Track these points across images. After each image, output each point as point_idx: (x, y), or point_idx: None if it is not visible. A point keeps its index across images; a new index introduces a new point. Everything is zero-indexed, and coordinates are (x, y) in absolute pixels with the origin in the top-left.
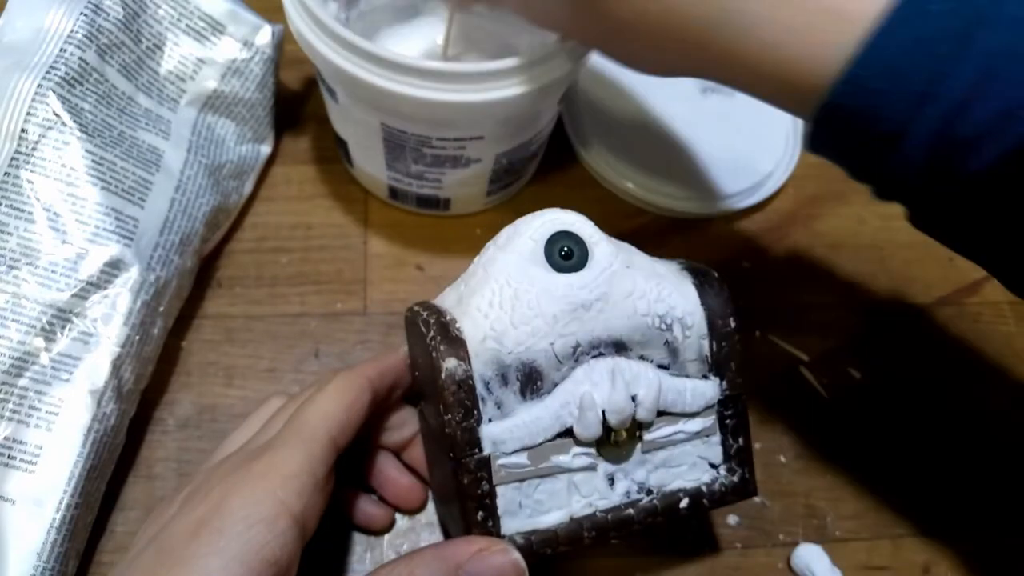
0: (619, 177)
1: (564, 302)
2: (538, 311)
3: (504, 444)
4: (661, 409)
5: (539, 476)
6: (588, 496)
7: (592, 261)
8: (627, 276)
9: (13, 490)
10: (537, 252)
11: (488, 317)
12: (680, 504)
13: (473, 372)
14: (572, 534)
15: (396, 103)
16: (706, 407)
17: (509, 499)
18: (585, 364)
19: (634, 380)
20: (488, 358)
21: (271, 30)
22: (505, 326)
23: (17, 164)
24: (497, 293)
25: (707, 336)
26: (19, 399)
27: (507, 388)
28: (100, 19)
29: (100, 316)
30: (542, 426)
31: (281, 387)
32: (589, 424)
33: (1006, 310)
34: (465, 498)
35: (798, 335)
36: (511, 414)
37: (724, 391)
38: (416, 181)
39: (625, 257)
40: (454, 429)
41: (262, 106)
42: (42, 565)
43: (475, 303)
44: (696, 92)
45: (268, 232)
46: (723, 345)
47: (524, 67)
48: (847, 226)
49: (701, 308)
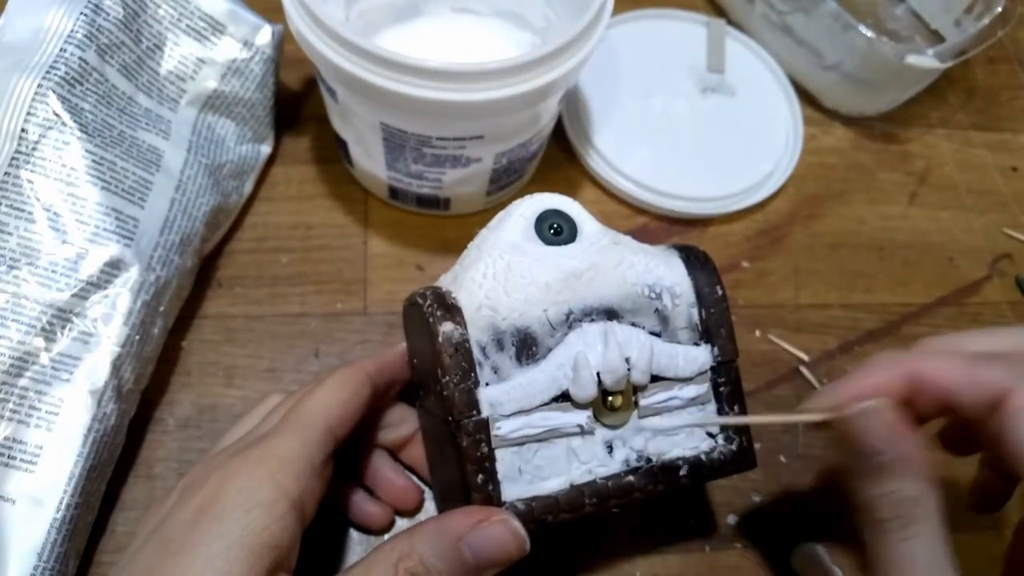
0: (619, 177)
1: (556, 271)
2: (531, 279)
3: (502, 406)
4: (655, 373)
5: (537, 440)
6: (587, 463)
7: (581, 236)
8: (615, 250)
9: (13, 490)
10: (528, 229)
11: (483, 287)
12: (680, 472)
13: (469, 337)
14: (573, 500)
15: (396, 102)
16: (699, 373)
17: (508, 464)
18: (578, 329)
19: (627, 343)
20: (484, 324)
21: (271, 30)
22: (499, 294)
23: (17, 164)
24: (491, 266)
25: (696, 304)
26: (19, 399)
27: (503, 353)
28: (100, 19)
29: (100, 316)
30: (538, 388)
31: (281, 387)
32: (584, 384)
33: (1006, 310)
34: (464, 461)
35: (798, 335)
36: (508, 378)
37: (716, 357)
38: (416, 181)
39: (612, 236)
40: (452, 391)
41: (262, 106)
42: (42, 565)
43: (469, 276)
44: (696, 92)
45: (268, 232)
46: (712, 311)
47: (524, 67)
48: (847, 226)
49: (688, 278)
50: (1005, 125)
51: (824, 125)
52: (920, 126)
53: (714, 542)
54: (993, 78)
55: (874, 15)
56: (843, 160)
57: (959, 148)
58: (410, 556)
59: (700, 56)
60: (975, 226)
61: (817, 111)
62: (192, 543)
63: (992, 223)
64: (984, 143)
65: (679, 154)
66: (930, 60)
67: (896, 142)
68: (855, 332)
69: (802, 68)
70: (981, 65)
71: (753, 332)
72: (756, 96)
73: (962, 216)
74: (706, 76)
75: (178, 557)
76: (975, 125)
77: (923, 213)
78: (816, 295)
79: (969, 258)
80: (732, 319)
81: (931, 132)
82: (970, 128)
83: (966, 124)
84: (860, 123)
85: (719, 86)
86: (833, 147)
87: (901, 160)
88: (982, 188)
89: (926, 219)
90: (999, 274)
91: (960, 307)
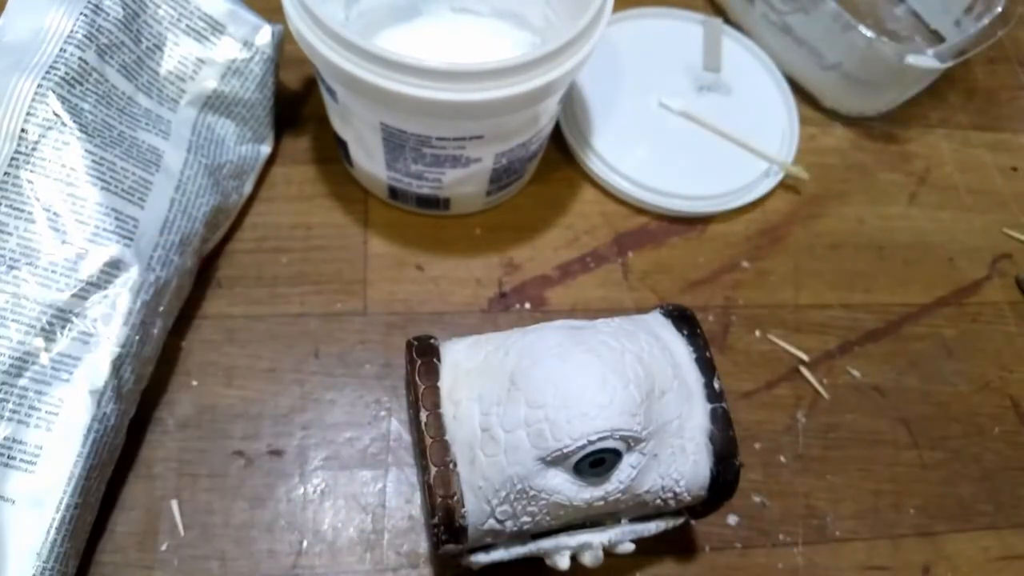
0: (618, 177)
1: (575, 507)
2: (546, 509)
3: (483, 561)
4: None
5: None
6: None
7: (620, 466)
8: (648, 472)
9: (13, 490)
10: (570, 468)
11: (491, 503)
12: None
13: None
14: None
15: (396, 102)
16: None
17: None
18: (565, 535)
19: (620, 544)
20: (487, 526)
21: (271, 30)
22: (506, 513)
23: (17, 164)
24: (508, 485)
25: (706, 488)
26: (19, 399)
27: (498, 545)
28: (100, 19)
29: (100, 316)
30: (519, 553)
31: (281, 387)
32: (561, 569)
33: (1006, 310)
34: None
35: (798, 335)
36: (496, 551)
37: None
38: (416, 181)
39: (656, 439)
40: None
41: (262, 106)
42: (42, 565)
43: (480, 470)
44: (692, 91)
45: (268, 232)
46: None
47: (524, 67)
48: (847, 226)
49: (709, 487)
50: (1005, 125)
51: (824, 125)
52: (920, 126)
53: (714, 542)
54: (993, 78)
55: (874, 15)
56: (843, 160)
57: (959, 148)
58: None
59: (697, 55)
60: (975, 226)
61: (817, 111)
62: None
63: (992, 223)
64: (984, 143)
65: (676, 153)
66: (930, 60)
67: (896, 142)
68: (855, 332)
69: (802, 68)
70: (981, 65)
71: (753, 332)
72: (752, 94)
73: (962, 216)
74: (702, 75)
75: None
76: (975, 125)
77: (923, 213)
78: (816, 295)
79: (969, 258)
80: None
81: (931, 132)
82: (970, 128)
83: (966, 124)
84: (860, 123)
85: (715, 85)
86: (833, 147)
87: (901, 160)
88: (982, 188)
89: (926, 219)
90: (999, 274)
91: (960, 307)
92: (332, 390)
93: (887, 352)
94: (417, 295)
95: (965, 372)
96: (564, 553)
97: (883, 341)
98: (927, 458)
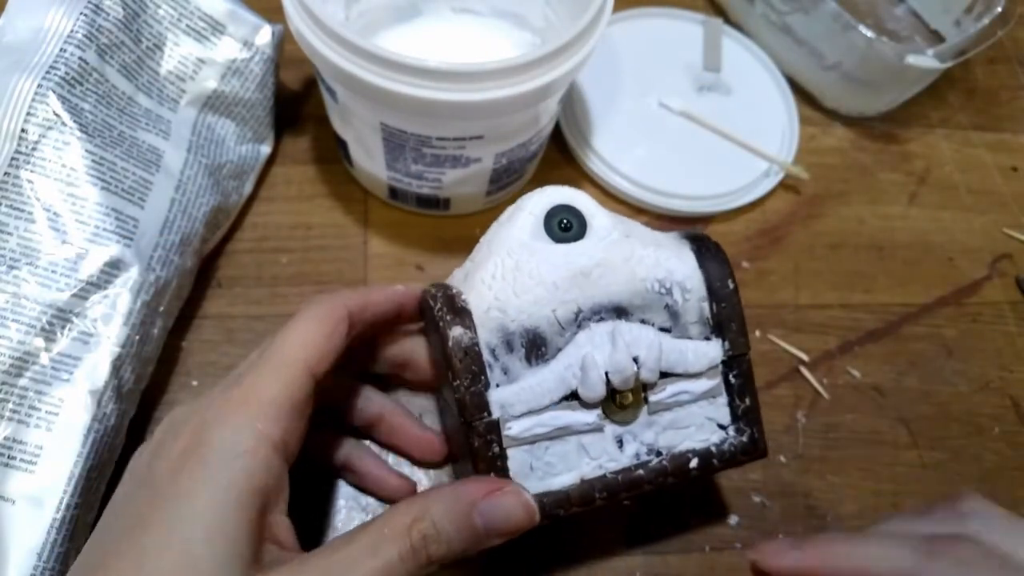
0: (618, 177)
1: (564, 270)
2: (539, 279)
3: (512, 407)
4: (664, 370)
5: (548, 439)
6: (598, 458)
7: (590, 231)
8: (625, 244)
9: (13, 490)
10: (537, 226)
11: (491, 288)
12: (690, 464)
13: (479, 339)
14: (584, 495)
15: (396, 102)
16: (710, 368)
17: (520, 461)
18: (587, 329)
19: (635, 342)
20: (493, 326)
21: (271, 30)
22: (508, 295)
23: (17, 164)
24: (499, 265)
25: (707, 298)
26: (19, 399)
27: (512, 355)
28: (100, 19)
29: (100, 316)
30: (547, 388)
31: None
32: (593, 385)
33: (1006, 310)
34: (477, 460)
35: (798, 335)
36: (518, 379)
37: (727, 351)
38: (416, 181)
39: (624, 228)
40: (463, 394)
41: (262, 106)
42: (42, 565)
43: (479, 276)
44: (692, 91)
45: (268, 232)
46: (723, 306)
47: (524, 67)
48: (847, 226)
49: (699, 271)
50: (1005, 125)
51: (824, 125)
52: (920, 126)
53: (714, 542)
54: (993, 78)
55: (874, 15)
56: (843, 160)
57: (959, 148)
58: (424, 518)
59: (697, 55)
60: (975, 226)
61: (817, 111)
62: (177, 492)
63: (992, 223)
64: (984, 143)
65: (676, 153)
66: (930, 60)
67: (896, 142)
68: (855, 332)
69: (802, 68)
70: (981, 65)
71: (753, 332)
72: (751, 94)
73: (962, 216)
74: (702, 75)
75: (164, 505)
76: (975, 125)
77: (923, 213)
78: (816, 295)
79: (969, 258)
80: (743, 312)
81: (931, 132)
82: (970, 128)
83: (966, 124)
84: (860, 123)
85: (715, 85)
86: (833, 147)
87: (901, 160)
88: (982, 188)
89: (926, 219)
90: (999, 274)
91: (960, 307)
92: None
93: (887, 352)
94: None
95: (965, 372)
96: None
97: (883, 341)
98: (927, 458)
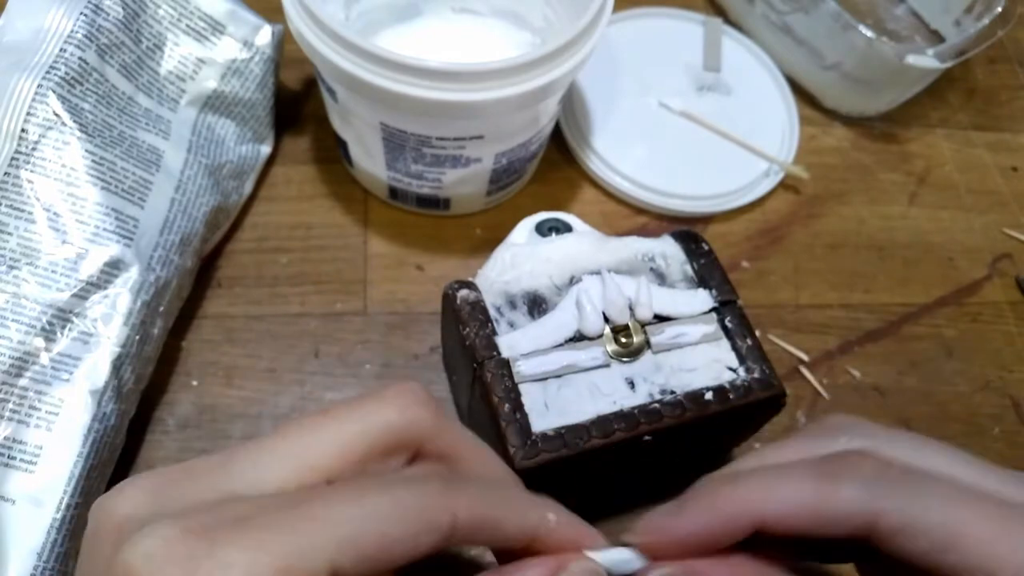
0: (618, 177)
1: (557, 252)
2: (535, 258)
3: (519, 346)
4: (657, 312)
5: (558, 376)
6: (611, 395)
7: (575, 230)
8: (607, 238)
9: (13, 490)
10: (531, 232)
11: (494, 270)
12: (706, 397)
13: (485, 300)
14: (603, 426)
15: (396, 102)
16: (702, 312)
17: (534, 398)
18: (580, 282)
19: (623, 283)
20: (497, 291)
21: (271, 30)
22: (508, 271)
23: (17, 164)
24: (498, 260)
25: (687, 261)
26: (19, 399)
27: (516, 311)
28: (100, 19)
29: (100, 316)
30: (551, 327)
31: (281, 387)
32: (589, 316)
33: (1006, 310)
34: (491, 394)
35: (798, 335)
36: (522, 328)
37: (716, 298)
38: (416, 181)
39: (603, 234)
40: (472, 339)
41: (262, 106)
42: (42, 565)
43: (484, 271)
44: (692, 91)
45: (268, 232)
46: (702, 262)
47: (524, 67)
48: (847, 226)
49: (678, 245)
50: (1005, 125)
51: (824, 125)
52: (920, 126)
53: None
54: (993, 78)
55: (874, 15)
56: (843, 160)
57: (959, 148)
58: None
59: (697, 55)
60: (975, 226)
61: (817, 111)
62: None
63: (992, 223)
64: (984, 143)
65: (676, 153)
66: (930, 60)
67: (896, 142)
68: (855, 332)
69: (802, 68)
70: (981, 65)
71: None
72: (751, 94)
73: (962, 216)
74: (702, 75)
75: None
76: (975, 125)
77: (923, 213)
78: (816, 295)
79: (969, 258)
80: (724, 270)
81: (931, 132)
82: (970, 128)
83: (966, 124)
84: (860, 123)
85: (715, 85)
86: (833, 147)
87: (901, 160)
88: (982, 188)
89: (926, 219)
90: (999, 274)
91: (960, 307)
92: (332, 390)
93: (887, 352)
94: (417, 295)
95: (965, 372)
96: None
97: (883, 341)
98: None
